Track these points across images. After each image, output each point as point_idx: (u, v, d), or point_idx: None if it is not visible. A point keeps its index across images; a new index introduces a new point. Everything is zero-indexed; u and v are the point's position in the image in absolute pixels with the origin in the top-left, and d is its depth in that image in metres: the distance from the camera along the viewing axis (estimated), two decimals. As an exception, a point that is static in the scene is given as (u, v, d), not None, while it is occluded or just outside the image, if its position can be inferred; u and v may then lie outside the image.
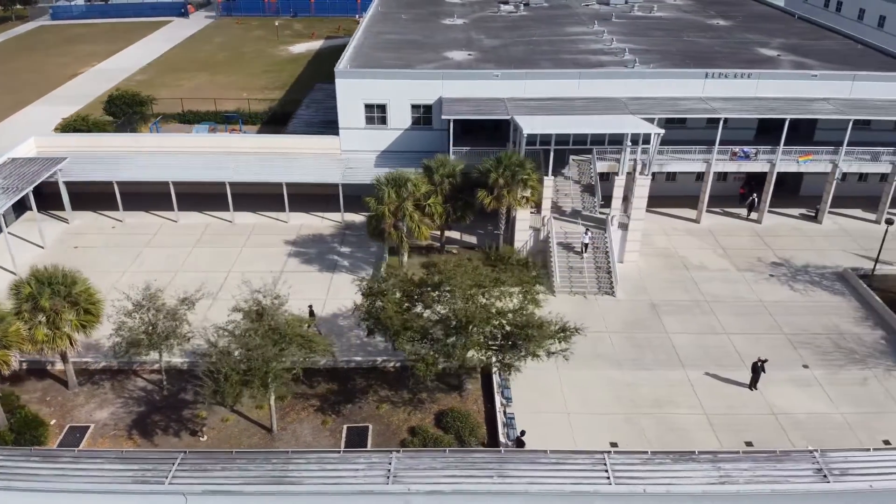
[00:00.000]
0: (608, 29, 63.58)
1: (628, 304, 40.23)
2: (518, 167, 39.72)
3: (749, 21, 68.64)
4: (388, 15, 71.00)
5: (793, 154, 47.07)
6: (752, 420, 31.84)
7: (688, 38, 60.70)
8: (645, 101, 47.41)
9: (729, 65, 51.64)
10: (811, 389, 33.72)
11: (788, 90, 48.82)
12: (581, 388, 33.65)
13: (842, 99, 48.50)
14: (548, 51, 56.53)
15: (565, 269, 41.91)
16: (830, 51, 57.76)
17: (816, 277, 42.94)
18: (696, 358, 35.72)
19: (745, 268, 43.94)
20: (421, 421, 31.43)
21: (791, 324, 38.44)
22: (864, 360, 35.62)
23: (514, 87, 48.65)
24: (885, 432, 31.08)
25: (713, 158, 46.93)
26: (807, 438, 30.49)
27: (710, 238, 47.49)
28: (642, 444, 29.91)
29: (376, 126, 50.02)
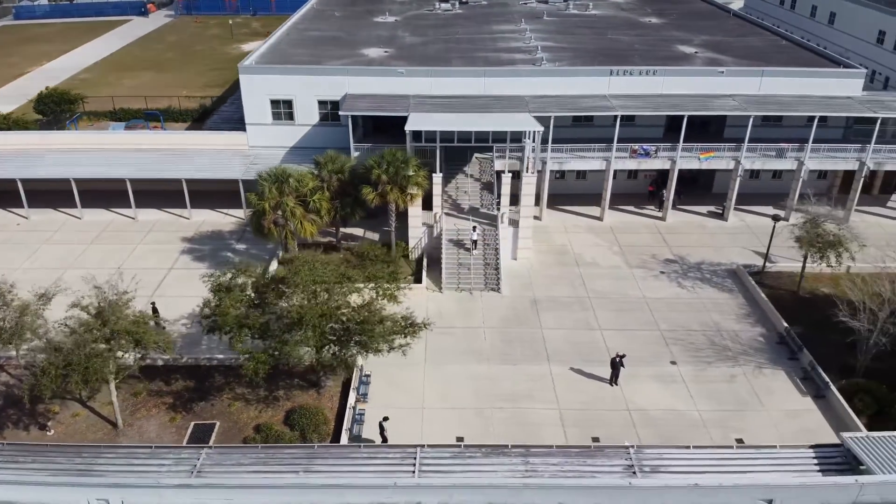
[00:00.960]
0: (535, 27, 63.51)
1: (511, 301, 40.07)
2: (403, 164, 39.57)
3: (683, 19, 68.53)
4: (323, 13, 70.87)
5: (694, 151, 46.93)
6: (604, 416, 31.67)
7: (611, 37, 60.58)
8: (546, 99, 47.28)
9: (644, 62, 51.50)
10: (674, 386, 33.56)
11: (696, 87, 48.75)
12: (443, 384, 33.48)
13: (748, 95, 48.40)
14: (465, 48, 56.40)
15: (455, 265, 41.74)
16: (752, 47, 57.62)
17: (708, 274, 42.80)
18: (564, 353, 35.56)
19: (637, 265, 43.80)
20: (270, 418, 31.23)
21: (669, 320, 38.29)
22: (736, 358, 35.46)
23: (420, 85, 48.46)
24: (741, 430, 30.89)
25: (613, 156, 46.76)
26: (656, 435, 30.36)
27: (609, 235, 47.33)
28: (488, 438, 29.68)
29: (283, 122, 49.89)
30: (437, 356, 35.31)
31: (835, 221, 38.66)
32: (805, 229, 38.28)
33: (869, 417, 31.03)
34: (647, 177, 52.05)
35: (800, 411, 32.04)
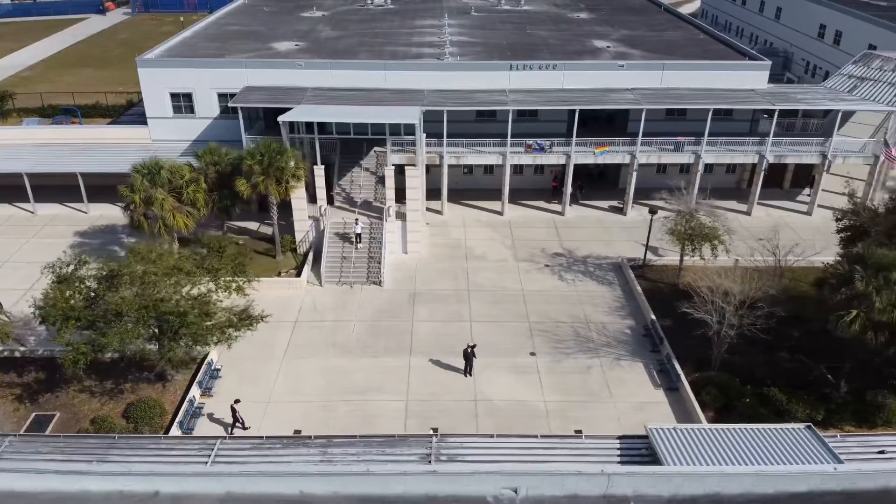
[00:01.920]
0: (459, 23, 63.41)
1: (390, 294, 39.91)
2: (277, 155, 39.41)
3: (613, 14, 68.36)
4: (253, 8, 70.71)
5: (589, 145, 46.77)
6: (449, 406, 31.53)
7: (530, 32, 60.41)
8: (445, 94, 47.11)
9: (554, 57, 51.46)
10: (527, 377, 33.41)
11: (597, 81, 48.56)
12: (296, 377, 33.33)
13: (649, 89, 48.24)
14: (378, 43, 56.23)
15: (338, 259, 41.59)
16: (668, 41, 57.47)
17: (592, 268, 42.66)
18: (428, 345, 35.41)
19: (525, 258, 43.65)
20: (111, 410, 31.07)
21: (541, 312, 38.17)
22: (597, 350, 35.32)
23: (320, 77, 48.29)
24: (583, 421, 30.74)
25: (508, 151, 46.59)
26: (495, 425, 30.13)
27: (505, 230, 47.18)
28: (325, 430, 29.45)
29: (184, 115, 49.73)
30: (298, 350, 35.18)
31: (708, 215, 38.47)
32: (677, 222, 38.15)
33: (716, 410, 30.89)
34: (552, 172, 51.90)
35: (648, 403, 31.90)
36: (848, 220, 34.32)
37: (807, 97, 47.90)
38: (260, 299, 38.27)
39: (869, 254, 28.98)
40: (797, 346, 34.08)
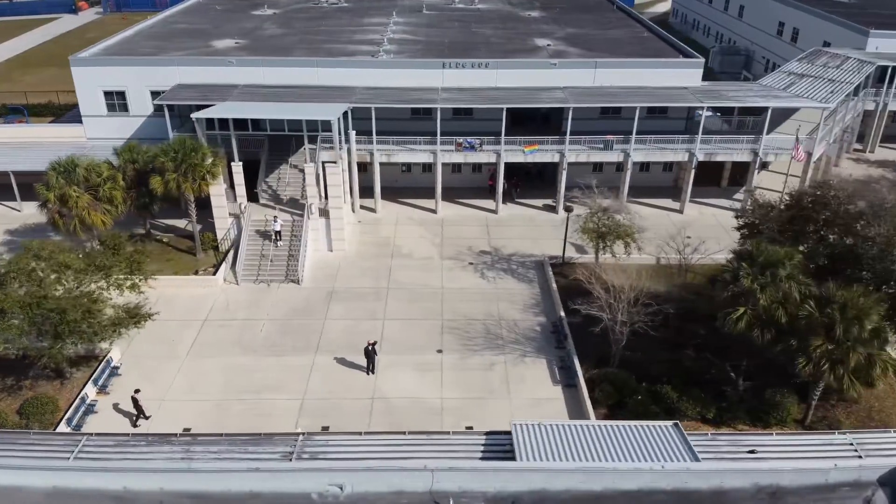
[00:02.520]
0: (407, 20, 63.39)
1: (308, 292, 39.84)
2: (191, 152, 39.33)
3: (564, 12, 68.29)
4: (206, 5, 70.55)
5: (518, 144, 46.68)
6: (345, 405, 31.45)
7: (475, 30, 60.31)
8: (375, 91, 47.04)
9: (491, 55, 51.38)
10: (430, 374, 33.33)
11: (530, 80, 48.48)
12: (196, 376, 33.26)
13: (581, 87, 48.16)
14: (320, 40, 56.10)
15: (256, 257, 41.53)
16: (611, 39, 57.42)
17: (515, 265, 42.58)
18: (336, 343, 35.33)
19: (451, 256, 43.57)
20: (7, 406, 31.00)
21: (456, 310, 38.09)
22: (505, 347, 35.26)
23: (252, 75, 48.20)
24: (476, 418, 30.55)
25: (438, 149, 46.50)
26: (387, 423, 30.13)
27: (437, 228, 47.10)
28: (215, 428, 29.39)
29: (118, 113, 49.65)
30: (203, 349, 35.11)
31: (620, 212, 38.40)
32: (586, 220, 38.10)
33: (609, 407, 30.82)
34: (489, 171, 51.77)
35: (545, 400, 31.84)
36: (744, 218, 34.19)
37: (738, 94, 47.83)
38: (174, 298, 38.62)
39: (758, 251, 28.89)
40: (704, 344, 33.97)
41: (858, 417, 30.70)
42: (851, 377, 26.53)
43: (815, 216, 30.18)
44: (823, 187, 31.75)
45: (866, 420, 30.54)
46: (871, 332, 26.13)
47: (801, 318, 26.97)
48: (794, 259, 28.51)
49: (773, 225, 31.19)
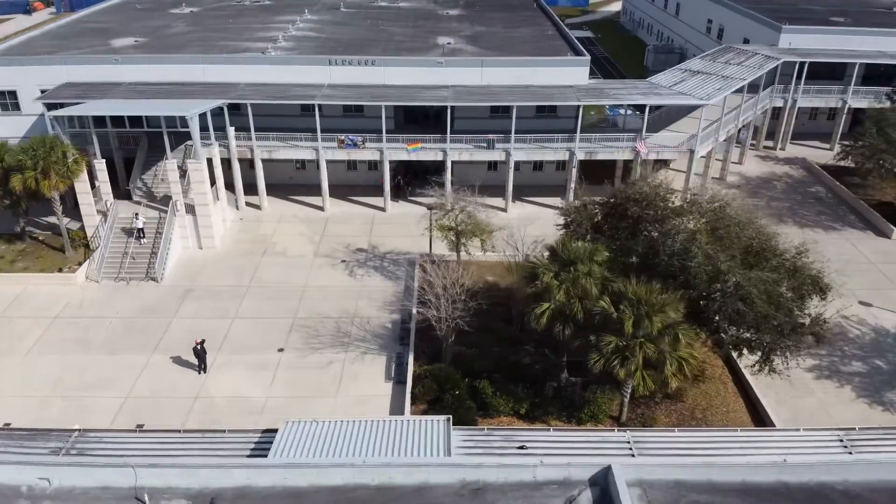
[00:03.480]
0: (318, 18, 63.26)
1: (165, 290, 39.64)
2: (51, 150, 39.13)
3: (483, 10, 68.17)
4: (127, 4, 70.17)
5: (400, 142, 46.52)
6: (166, 404, 31.20)
7: (382, 28, 60.15)
8: (259, 87, 46.89)
9: (391, 53, 51.23)
10: (262, 373, 33.12)
11: (419, 78, 48.28)
12: (30, 372, 33.06)
13: (467, 86, 47.98)
14: (220, 37, 55.87)
15: (119, 254, 41.32)
16: (514, 38, 57.20)
17: (388, 263, 42.44)
18: (178, 342, 35.03)
19: (325, 254, 43.38)
20: None
21: (312, 308, 37.90)
22: (350, 344, 35.09)
23: (138, 72, 47.97)
24: (294, 417, 30.19)
25: (320, 146, 46.32)
26: (202, 421, 29.90)
27: (320, 225, 46.91)
28: (30, 424, 29.15)
29: (11, 112, 49.33)
30: (44, 346, 34.91)
31: (473, 210, 38.21)
32: (437, 218, 37.92)
33: (428, 403, 30.63)
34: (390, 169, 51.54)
35: (372, 397, 31.64)
36: (565, 216, 33.90)
37: (620, 92, 47.64)
38: (33, 295, 38.45)
39: (562, 249, 28.74)
40: (543, 340, 33.73)
41: (680, 416, 30.52)
42: (644, 374, 26.34)
43: (626, 213, 29.96)
44: (635, 184, 31.48)
45: (687, 419, 30.35)
46: (660, 329, 25.92)
47: (595, 314, 26.81)
48: (597, 256, 28.35)
49: (587, 223, 30.98)
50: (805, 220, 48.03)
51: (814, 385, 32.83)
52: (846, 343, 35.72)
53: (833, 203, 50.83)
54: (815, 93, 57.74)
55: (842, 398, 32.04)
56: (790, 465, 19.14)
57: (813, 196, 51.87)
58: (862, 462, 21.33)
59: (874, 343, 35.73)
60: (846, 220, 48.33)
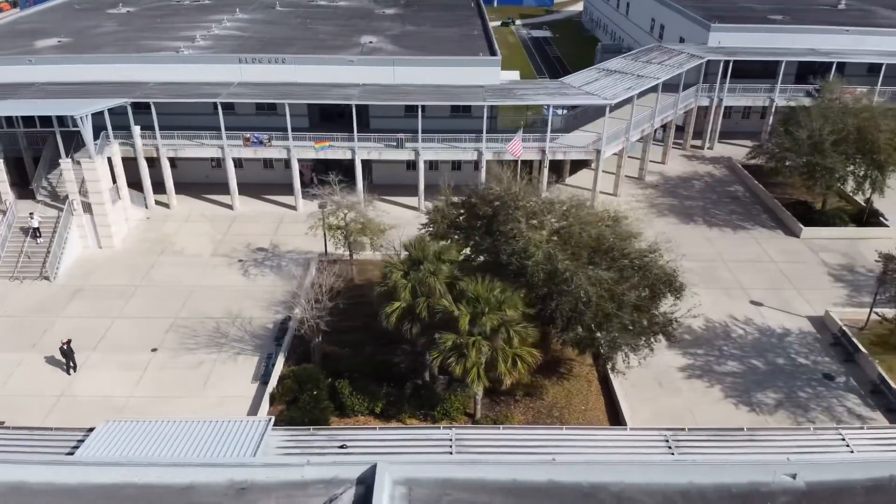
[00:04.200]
0: (251, 17, 63.21)
1: (56, 289, 39.50)
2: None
3: (420, 10, 68.07)
4: (67, 5, 70.05)
5: (308, 140, 46.42)
6: (26, 402, 31.02)
7: (310, 27, 60.05)
8: (169, 86, 46.81)
9: (310, 52, 51.14)
10: (131, 373, 32.94)
11: (331, 76, 48.22)
12: None
13: (377, 84, 47.93)
14: (143, 37, 55.71)
15: (16, 254, 41.15)
16: (438, 38, 57.16)
17: (286, 262, 42.32)
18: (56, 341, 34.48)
19: (225, 253, 43.25)
20: None
21: (196, 308, 37.76)
22: (226, 344, 34.95)
23: (51, 72, 47.85)
24: (156, 417, 30.18)
25: (225, 144, 46.19)
26: (60, 419, 29.68)
27: (226, 224, 46.79)
28: None
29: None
30: None
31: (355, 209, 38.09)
32: (325, 217, 37.82)
33: (287, 403, 30.50)
34: (304, 167, 51.39)
35: (236, 397, 31.49)
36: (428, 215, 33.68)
37: (528, 93, 47.51)
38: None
39: (414, 249, 28.66)
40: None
41: (537, 413, 30.40)
42: (480, 371, 26.25)
43: (479, 212, 29.81)
44: (488, 185, 31.30)
45: (543, 417, 30.24)
46: (495, 326, 25.83)
47: (436, 312, 26.71)
48: (447, 255, 28.26)
49: (444, 222, 30.87)
50: (715, 220, 47.93)
51: (683, 384, 32.72)
52: (727, 342, 35.63)
53: (748, 202, 50.75)
54: (742, 91, 57.61)
55: (709, 398, 31.91)
56: (560, 463, 19.02)
57: (730, 195, 51.77)
58: (666, 463, 21.44)
59: (756, 343, 35.61)
60: (758, 219, 48.22)
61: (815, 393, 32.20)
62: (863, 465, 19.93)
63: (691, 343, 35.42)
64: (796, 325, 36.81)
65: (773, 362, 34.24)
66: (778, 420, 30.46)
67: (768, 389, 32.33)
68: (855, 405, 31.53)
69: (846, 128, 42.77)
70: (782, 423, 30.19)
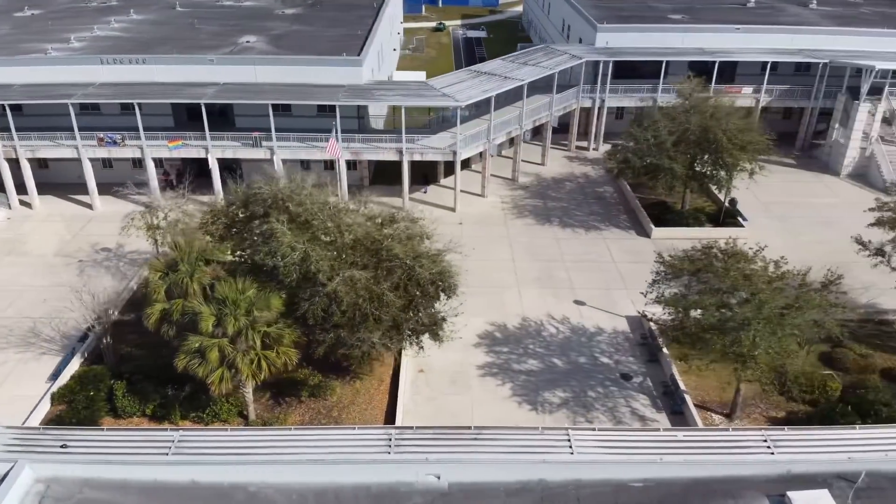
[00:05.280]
0: (145, 17, 63.31)
1: None
2: None
3: (324, 9, 68.24)
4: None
5: (160, 139, 46.57)
6: None
7: (196, 27, 60.13)
8: (32, 88, 47.26)
9: (192, 51, 51.30)
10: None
11: (189, 75, 48.41)
12: None
13: (238, 83, 48.17)
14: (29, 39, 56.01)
15: None
16: (317, 38, 57.35)
17: (127, 262, 42.45)
18: None
19: (68, 253, 43.46)
20: None
21: (19, 309, 37.98)
22: (33, 346, 35.04)
23: None
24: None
25: (80, 144, 46.33)
26: None
27: (78, 225, 46.98)
28: None
29: None
30: None
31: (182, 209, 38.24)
32: (135, 217, 38.01)
33: (67, 403, 30.60)
34: (170, 167, 51.52)
35: (25, 397, 31.41)
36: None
37: (385, 94, 47.67)
38: None
39: (178, 250, 28.84)
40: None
41: (315, 414, 30.56)
42: (226, 374, 26.43)
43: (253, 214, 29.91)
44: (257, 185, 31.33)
45: (321, 417, 30.41)
46: (238, 328, 26.01)
47: (186, 314, 26.89)
48: (211, 255, 28.44)
49: (218, 222, 31.02)
50: (572, 221, 48.14)
51: (475, 382, 32.92)
52: (535, 341, 35.84)
53: (613, 203, 51.00)
54: (623, 92, 57.84)
55: (496, 396, 32.10)
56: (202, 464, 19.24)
57: (597, 196, 52.00)
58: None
59: (564, 342, 35.83)
60: (616, 219, 48.46)
61: (604, 393, 32.42)
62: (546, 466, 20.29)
63: (500, 341, 35.71)
64: (612, 325, 37.05)
65: (574, 361, 34.46)
66: (556, 419, 30.66)
67: (559, 388, 32.55)
68: (642, 406, 31.78)
69: (689, 128, 42.95)
70: (560, 423, 30.36)
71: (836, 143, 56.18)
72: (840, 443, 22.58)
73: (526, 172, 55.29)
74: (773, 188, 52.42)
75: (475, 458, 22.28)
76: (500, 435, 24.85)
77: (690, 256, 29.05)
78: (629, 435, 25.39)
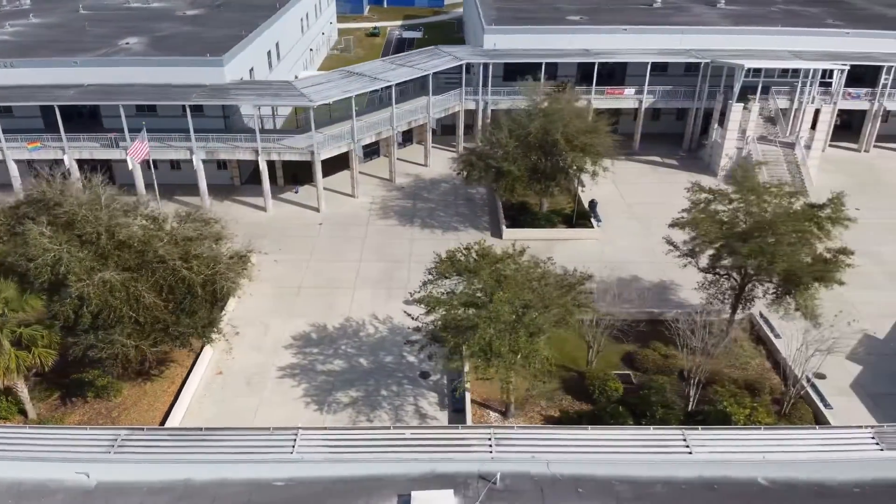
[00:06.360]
0: (42, 21, 63.50)
1: None
2: None
3: (225, 10, 68.30)
4: None
5: (20, 141, 46.89)
6: None
7: (87, 30, 60.34)
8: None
9: (71, 53, 51.33)
10: None
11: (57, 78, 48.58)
12: None
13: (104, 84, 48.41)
14: None
15: None
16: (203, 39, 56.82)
17: None
18: None
19: None
20: None
21: None
22: None
23: None
24: None
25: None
26: None
27: None
28: None
29: None
30: None
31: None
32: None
33: None
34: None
35: None
36: None
37: (242, 93, 47.92)
38: None
39: None
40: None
41: (94, 414, 30.65)
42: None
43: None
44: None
45: (100, 417, 30.54)
46: None
47: None
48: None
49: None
50: (435, 222, 48.36)
51: (271, 384, 33.12)
52: (350, 341, 36.06)
53: (481, 204, 51.26)
54: (506, 94, 58.00)
55: (287, 398, 32.28)
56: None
57: (468, 197, 52.21)
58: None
59: (377, 342, 36.07)
60: (477, 221, 48.69)
61: (398, 391, 32.66)
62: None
63: (314, 342, 35.96)
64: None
65: (379, 361, 34.69)
66: (337, 419, 30.86)
67: (353, 388, 32.76)
68: (429, 404, 32.03)
69: (531, 131, 43.16)
70: (340, 423, 30.58)
71: (716, 144, 56.42)
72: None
73: (407, 173, 55.56)
74: (645, 189, 52.78)
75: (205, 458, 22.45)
76: (228, 436, 25.14)
77: (451, 258, 29.26)
78: (356, 434, 25.56)
